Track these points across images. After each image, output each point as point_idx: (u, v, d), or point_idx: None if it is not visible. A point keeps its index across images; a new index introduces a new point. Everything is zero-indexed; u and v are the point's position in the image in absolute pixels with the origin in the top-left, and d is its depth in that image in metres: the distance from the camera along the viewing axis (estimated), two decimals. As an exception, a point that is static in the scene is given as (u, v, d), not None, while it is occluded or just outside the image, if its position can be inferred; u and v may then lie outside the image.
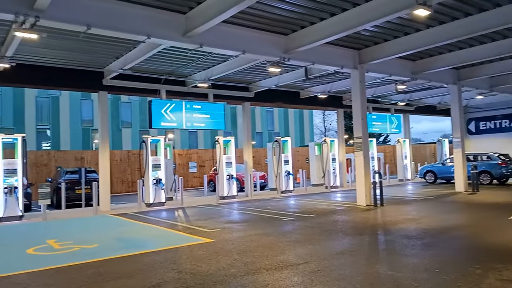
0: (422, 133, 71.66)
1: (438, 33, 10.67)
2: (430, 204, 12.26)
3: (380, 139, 45.37)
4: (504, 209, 10.28)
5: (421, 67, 14.29)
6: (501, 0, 9.07)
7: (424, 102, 22.90)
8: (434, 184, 19.91)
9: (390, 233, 7.95)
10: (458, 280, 4.76)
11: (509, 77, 17.27)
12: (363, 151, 12.54)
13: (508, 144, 22.88)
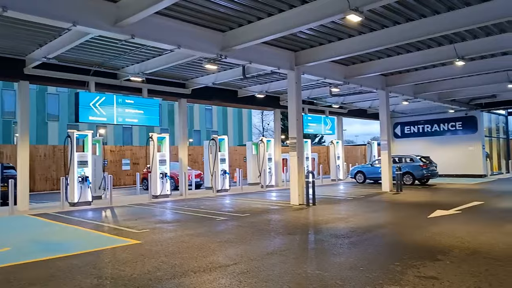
0: (355, 135, 75.29)
1: (368, 40, 11.14)
2: (359, 204, 12.79)
3: (316, 140, 46.88)
4: (424, 208, 10.98)
5: (353, 72, 14.88)
6: (426, 12, 9.66)
7: (356, 105, 23.97)
8: (364, 184, 20.88)
9: (320, 232, 8.12)
10: (380, 278, 4.92)
11: (431, 85, 18.59)
12: (297, 151, 12.75)
13: (429, 147, 24.74)
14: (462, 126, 25.06)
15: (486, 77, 16.82)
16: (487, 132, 25.60)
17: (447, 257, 5.85)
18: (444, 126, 25.82)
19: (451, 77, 16.20)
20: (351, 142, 64.69)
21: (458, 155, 24.49)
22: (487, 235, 7.30)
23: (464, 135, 24.84)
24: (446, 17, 9.59)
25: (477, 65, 14.45)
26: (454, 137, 25.27)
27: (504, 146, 28.74)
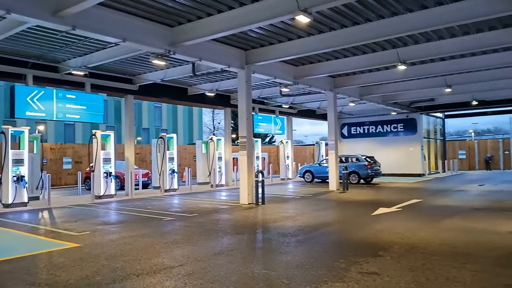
0: (304, 135, 76.75)
1: (317, 41, 11.35)
2: (307, 202, 13.01)
3: (266, 140, 47.30)
4: (368, 206, 11.37)
5: (303, 73, 15.12)
6: (371, 16, 10.00)
7: (306, 106, 24.43)
8: (312, 183, 21.32)
9: (268, 231, 8.14)
10: (325, 275, 4.98)
11: (376, 88, 19.35)
12: (247, 150, 12.73)
13: (374, 147, 25.77)
14: (403, 128, 26.36)
15: (425, 81, 17.77)
16: (425, 133, 27.10)
17: (388, 253, 6.07)
18: (387, 127, 27.03)
19: (394, 80, 16.96)
20: (300, 142, 65.98)
21: (399, 155, 25.74)
22: (424, 231, 7.68)
23: (405, 136, 26.15)
24: (389, 22, 9.98)
25: (418, 69, 15.21)
26: (396, 138, 26.52)
27: (441, 147, 30.61)
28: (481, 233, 7.47)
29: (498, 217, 9.30)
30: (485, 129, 61.57)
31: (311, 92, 18.93)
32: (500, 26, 10.72)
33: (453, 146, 35.75)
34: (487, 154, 34.54)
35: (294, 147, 29.45)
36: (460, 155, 35.11)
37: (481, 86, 18.60)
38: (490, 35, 11.07)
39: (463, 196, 14.02)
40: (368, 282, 4.68)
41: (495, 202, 12.22)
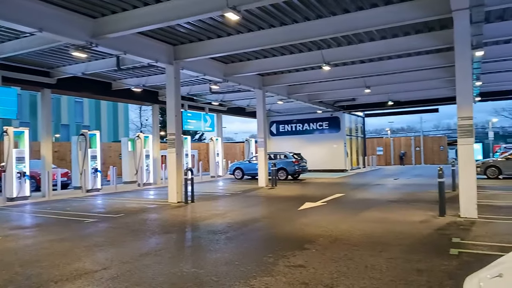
0: (234, 133, 77.32)
1: (246, 39, 11.46)
2: (236, 199, 13.11)
3: (196, 137, 46.79)
4: (295, 202, 11.76)
5: (232, 70, 15.18)
6: (298, 18, 10.32)
7: (235, 103, 24.58)
8: (242, 180, 21.53)
9: (197, 229, 8.07)
10: (254, 271, 5.07)
11: (303, 87, 20.05)
12: (176, 148, 12.49)
13: (301, 145, 26.71)
14: (328, 126, 27.66)
15: (347, 82, 18.79)
16: (348, 131, 28.68)
17: (314, 245, 6.34)
18: (313, 125, 28.16)
19: (319, 80, 17.70)
20: (230, 139, 66.14)
21: (324, 152, 26.97)
22: (346, 224, 8.13)
23: (330, 134, 27.47)
24: (315, 24, 10.38)
25: (340, 70, 16.04)
26: (321, 136, 27.74)
27: (361, 144, 32.61)
28: (395, 223, 8.09)
29: (410, 208, 10.14)
30: (400, 128, 66.78)
31: (240, 90, 19.09)
32: (413, 32, 11.66)
33: (372, 143, 38.29)
34: (401, 151, 37.54)
35: (224, 145, 29.49)
36: (378, 152, 37.72)
37: (396, 87, 20.13)
38: (404, 40, 12.00)
39: (380, 190, 15.08)
40: (295, 275, 4.85)
41: (407, 194, 13.31)
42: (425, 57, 14.33)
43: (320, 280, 4.64)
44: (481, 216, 8.38)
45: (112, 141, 38.97)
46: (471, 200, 8.42)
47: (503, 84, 20.13)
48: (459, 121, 8.58)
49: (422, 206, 10.23)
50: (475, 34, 9.28)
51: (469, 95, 8.58)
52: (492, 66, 15.78)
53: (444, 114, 69.00)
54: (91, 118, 44.58)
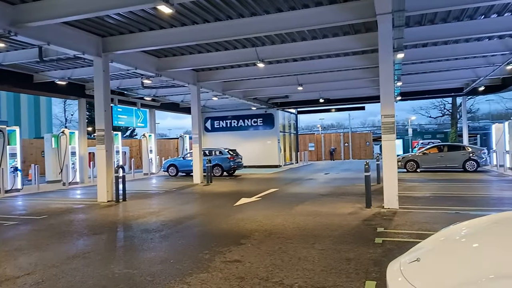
0: (168, 129, 75.52)
1: (179, 34, 11.25)
2: (171, 197, 12.87)
3: (127, 133, 45.06)
4: (231, 197, 11.83)
5: (165, 65, 14.82)
6: (233, 14, 10.35)
7: (169, 99, 24.05)
8: (176, 177, 21.16)
9: (130, 229, 7.80)
10: (190, 268, 5.03)
11: (238, 83, 20.14)
12: (105, 144, 11.94)
13: (236, 141, 26.87)
14: (262, 122, 28.12)
15: (281, 80, 19.25)
16: (281, 128, 29.39)
17: (249, 240, 6.43)
18: (248, 122, 28.46)
19: (254, 77, 17.90)
20: (164, 135, 64.72)
21: (259, 148, 27.40)
22: (281, 218, 8.35)
23: (264, 130, 27.95)
24: (249, 21, 10.48)
25: (274, 68, 16.37)
26: (256, 132, 28.14)
27: (294, 140, 33.60)
28: (326, 216, 8.48)
29: (339, 201, 10.68)
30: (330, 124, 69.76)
31: (174, 85, 18.70)
32: (341, 34, 12.24)
33: (304, 139, 39.64)
34: (331, 146, 39.30)
35: (158, 141, 28.76)
36: (310, 147, 39.15)
37: (326, 86, 21.02)
38: (333, 41, 12.55)
39: (312, 184, 15.68)
40: (231, 270, 4.89)
41: (337, 188, 13.98)
42: (352, 57, 15.13)
43: (256, 274, 4.73)
44: (401, 206, 9.07)
45: (33, 137, 36.21)
46: (393, 192, 9.07)
47: (420, 85, 21.91)
48: (382, 118, 9.18)
49: (351, 199, 10.82)
50: (397, 37, 9.97)
51: (391, 94, 9.22)
52: (411, 68, 17.09)
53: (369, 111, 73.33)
54: (9, 113, 41.00)
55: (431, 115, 44.08)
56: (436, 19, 11.29)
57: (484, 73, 18.12)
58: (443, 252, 2.54)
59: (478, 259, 2.18)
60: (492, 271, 1.93)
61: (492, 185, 13.70)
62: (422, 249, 2.70)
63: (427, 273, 2.26)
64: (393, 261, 2.68)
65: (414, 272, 2.30)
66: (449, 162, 19.19)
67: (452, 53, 14.43)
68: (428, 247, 2.71)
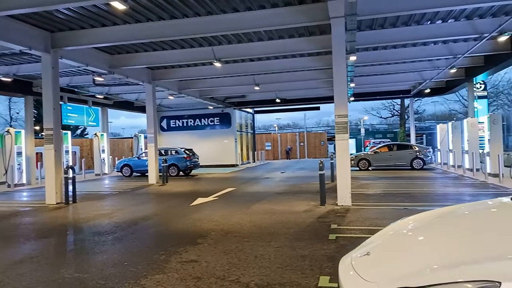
0: (121, 128, 73.27)
1: (133, 31, 10.97)
2: (124, 198, 12.53)
3: (78, 132, 43.29)
4: (187, 197, 11.70)
5: (119, 62, 14.40)
6: (189, 12, 10.24)
7: (123, 97, 23.38)
8: (130, 177, 20.60)
9: (81, 232, 7.53)
10: (145, 270, 4.94)
11: (194, 82, 19.96)
12: (54, 144, 11.42)
13: (192, 140, 26.61)
14: (219, 122, 28.04)
15: (238, 79, 19.29)
16: (238, 127, 29.45)
17: (206, 240, 6.41)
18: (205, 121, 28.28)
19: (210, 76, 17.81)
20: (117, 134, 62.80)
21: (216, 147, 27.29)
22: (237, 217, 8.39)
23: (221, 130, 27.89)
24: (205, 20, 10.42)
25: (231, 68, 16.39)
26: (213, 131, 28.01)
27: (251, 140, 33.79)
28: (282, 214, 8.61)
29: (295, 199, 10.88)
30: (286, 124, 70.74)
31: (128, 83, 18.23)
32: (297, 35, 12.47)
33: (261, 139, 39.96)
34: (288, 146, 39.92)
35: (111, 140, 27.87)
36: (267, 147, 39.54)
37: (283, 86, 21.33)
38: (289, 42, 12.77)
39: (269, 183, 15.85)
40: (187, 270, 4.86)
41: (293, 186, 14.23)
42: (308, 59, 15.46)
43: (212, 273, 4.73)
44: (354, 203, 9.40)
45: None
46: (346, 190, 9.38)
47: (372, 86, 22.79)
48: (336, 118, 9.47)
49: (306, 197, 11.05)
50: (349, 40, 10.32)
51: (344, 95, 9.52)
52: (363, 70, 17.74)
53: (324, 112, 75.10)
54: None
55: (382, 116, 45.96)
56: (385, 24, 11.80)
57: (430, 76, 19.16)
58: (391, 245, 2.68)
59: (423, 251, 2.32)
60: (436, 261, 2.07)
61: (437, 182, 14.52)
62: (372, 244, 2.83)
63: (376, 266, 2.38)
64: (345, 256, 2.79)
65: (364, 266, 2.41)
66: (398, 160, 20.10)
67: (401, 57, 15.16)
68: (377, 241, 2.85)
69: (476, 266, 1.82)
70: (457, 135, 19.09)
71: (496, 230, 2.34)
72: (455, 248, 2.20)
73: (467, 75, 19.30)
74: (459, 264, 1.91)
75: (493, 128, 14.31)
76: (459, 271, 1.85)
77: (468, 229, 2.53)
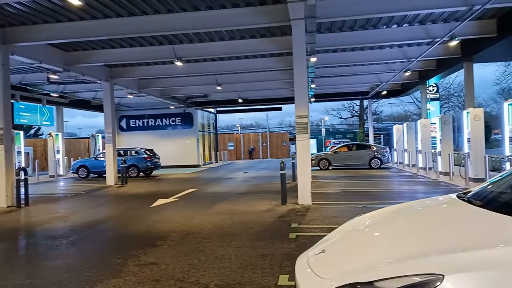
0: (78, 128, 70.65)
1: (90, 27, 10.62)
2: (81, 200, 12.10)
3: (31, 132, 41.32)
4: (147, 199, 11.46)
5: (75, 59, 13.86)
6: (148, 10, 10.04)
7: (79, 96, 22.54)
8: (87, 179, 19.91)
9: (33, 236, 7.20)
10: (100, 274, 4.79)
11: (155, 81, 19.58)
12: (4, 144, 10.82)
13: (153, 140, 26.09)
14: (181, 122, 27.69)
15: (200, 79, 19.12)
16: (201, 127, 29.20)
17: (165, 242, 6.31)
18: (166, 121, 27.83)
19: (171, 75, 17.55)
20: (74, 134, 60.47)
21: (177, 147, 26.92)
22: (198, 218, 8.31)
23: (183, 130, 27.56)
24: (165, 18, 10.25)
25: (193, 67, 16.22)
26: (174, 131, 27.62)
27: (214, 140, 33.61)
28: (243, 214, 8.63)
29: (257, 199, 10.93)
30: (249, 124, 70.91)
31: (85, 81, 17.60)
32: (258, 36, 12.54)
33: (223, 139, 39.83)
34: (250, 146, 40.05)
35: (66, 140, 26.79)
36: (230, 147, 39.47)
37: (245, 86, 21.37)
38: (250, 43, 12.81)
39: (231, 183, 15.84)
40: (145, 273, 4.76)
41: (255, 186, 14.30)
42: (269, 59, 15.58)
43: (171, 275, 4.66)
44: (314, 202, 9.57)
45: None
46: (307, 189, 9.54)
47: (332, 87, 23.31)
48: (296, 119, 9.60)
49: (267, 197, 11.13)
50: (310, 42, 10.51)
51: (305, 96, 9.68)
52: (323, 71, 18.11)
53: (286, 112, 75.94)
54: None
55: (342, 116, 47.10)
56: (344, 27, 12.11)
57: (386, 78, 19.86)
58: (346, 242, 2.75)
59: (376, 247, 2.40)
60: (388, 256, 2.14)
61: (393, 180, 15.08)
62: (328, 241, 2.90)
63: (331, 262, 2.43)
64: (301, 255, 2.84)
65: (319, 263, 2.46)
66: (357, 160, 20.69)
67: (359, 59, 15.61)
68: (334, 239, 2.92)
69: (424, 260, 1.91)
70: (412, 136, 19.91)
71: (443, 225, 2.46)
72: (407, 242, 2.29)
73: (420, 78, 20.17)
74: (409, 258, 1.99)
75: (444, 129, 15.03)
76: (408, 265, 1.93)
77: (420, 224, 2.64)
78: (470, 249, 1.90)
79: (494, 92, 37.54)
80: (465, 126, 13.11)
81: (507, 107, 10.69)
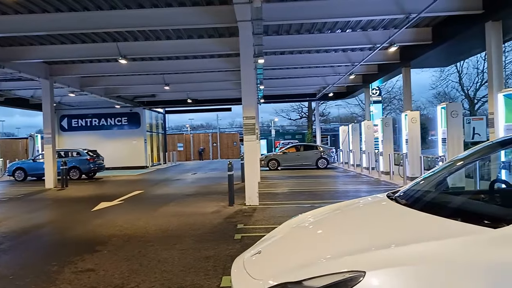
0: (16, 128, 66.14)
1: (27, 22, 10.01)
2: (16, 204, 11.37)
3: (-39, 132, 38.20)
4: (89, 202, 10.98)
5: (10, 55, 13.00)
6: (90, 6, 9.63)
7: (16, 94, 21.13)
8: (24, 181, 18.75)
9: (-42, 245, 6.64)
10: (33, 283, 4.52)
11: (98, 80, 18.81)
12: None
13: (97, 141, 25.04)
14: (127, 121, 26.83)
15: (147, 78, 18.65)
16: (148, 127, 28.48)
17: (106, 247, 6.08)
18: (112, 121, 26.85)
19: (116, 74, 16.97)
20: (11, 135, 56.57)
21: (124, 148, 26.05)
22: (143, 221, 8.10)
23: (130, 130, 26.72)
24: (108, 14, 9.89)
25: (139, 65, 15.79)
26: (120, 131, 26.71)
27: (162, 140, 32.90)
28: (190, 215, 8.52)
29: (204, 200, 10.85)
30: (199, 124, 70.21)
31: (22, 78, 16.54)
32: (206, 36, 12.46)
33: (173, 139, 39.14)
34: (200, 146, 39.67)
35: (2, 141, 25.07)
36: (179, 148, 38.85)
37: (194, 86, 21.13)
38: (198, 42, 12.71)
39: (179, 185, 15.60)
40: (82, 281, 4.56)
41: (203, 187, 14.18)
42: (218, 60, 15.53)
43: (110, 282, 4.50)
44: (262, 203, 9.67)
45: None
46: (254, 189, 9.61)
47: (281, 89, 23.68)
48: (244, 120, 9.66)
49: (215, 198, 11.08)
50: (257, 44, 10.61)
51: (253, 97, 9.76)
52: (272, 73, 18.34)
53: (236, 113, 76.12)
54: None
55: (291, 117, 47.95)
56: (291, 30, 12.35)
57: (332, 81, 20.50)
58: (282, 242, 2.80)
59: (310, 246, 2.46)
60: (320, 254, 2.20)
61: (338, 180, 15.59)
62: (265, 242, 2.94)
63: (266, 263, 2.46)
64: (238, 257, 2.85)
65: (255, 264, 2.48)
66: (305, 160, 21.17)
67: (306, 62, 16.00)
68: (270, 239, 2.96)
69: (347, 258, 1.99)
70: (356, 137, 20.71)
71: (369, 223, 2.59)
72: (335, 241, 2.38)
73: (364, 81, 21.03)
74: (336, 257, 2.06)
75: (385, 130, 15.78)
76: (333, 263, 2.00)
77: (349, 224, 2.75)
78: (390, 246, 2.01)
79: (431, 96, 39.96)
80: (403, 128, 13.85)
81: (440, 110, 11.42)
